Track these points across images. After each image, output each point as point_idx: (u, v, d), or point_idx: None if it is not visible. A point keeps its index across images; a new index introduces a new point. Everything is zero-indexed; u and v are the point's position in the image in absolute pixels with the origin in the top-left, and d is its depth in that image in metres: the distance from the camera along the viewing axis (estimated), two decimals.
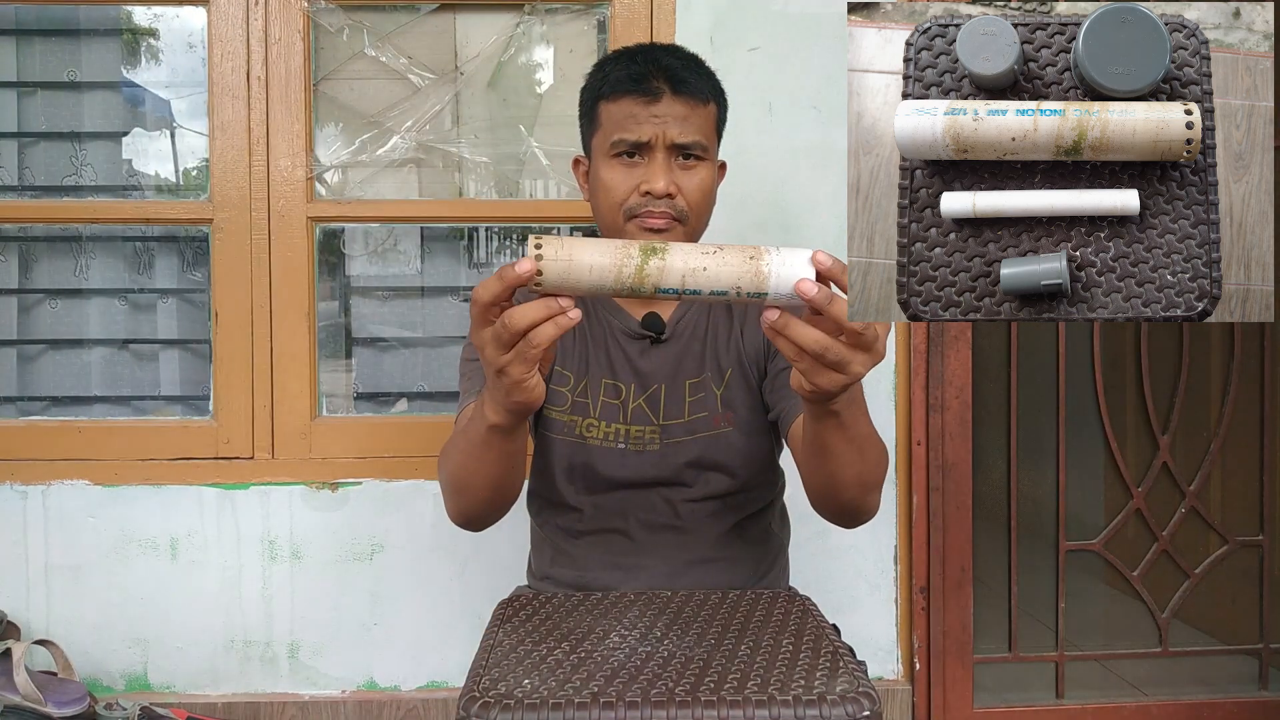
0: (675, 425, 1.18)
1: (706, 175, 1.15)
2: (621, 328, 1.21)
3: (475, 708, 0.72)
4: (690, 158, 1.13)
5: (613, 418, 1.18)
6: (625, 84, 1.12)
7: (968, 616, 1.85)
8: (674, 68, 1.12)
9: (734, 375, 1.19)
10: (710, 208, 1.18)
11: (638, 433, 1.18)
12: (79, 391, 1.91)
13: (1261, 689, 1.96)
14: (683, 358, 1.20)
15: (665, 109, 1.10)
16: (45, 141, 1.90)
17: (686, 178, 1.13)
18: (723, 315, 1.22)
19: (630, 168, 1.12)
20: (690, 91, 1.11)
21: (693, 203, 1.13)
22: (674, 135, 1.11)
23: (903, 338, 1.82)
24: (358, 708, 1.79)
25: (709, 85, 1.15)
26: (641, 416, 1.18)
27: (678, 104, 1.11)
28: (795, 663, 0.79)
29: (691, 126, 1.12)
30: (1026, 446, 2.02)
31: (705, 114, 1.14)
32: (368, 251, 1.95)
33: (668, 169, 1.11)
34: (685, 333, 1.21)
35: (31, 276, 1.92)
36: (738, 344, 1.20)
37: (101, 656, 1.78)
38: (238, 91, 1.77)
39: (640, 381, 1.19)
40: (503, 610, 0.96)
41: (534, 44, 1.90)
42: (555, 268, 0.76)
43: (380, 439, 1.81)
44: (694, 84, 1.12)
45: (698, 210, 1.14)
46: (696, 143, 1.12)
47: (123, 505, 1.77)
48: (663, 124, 1.10)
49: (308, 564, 1.79)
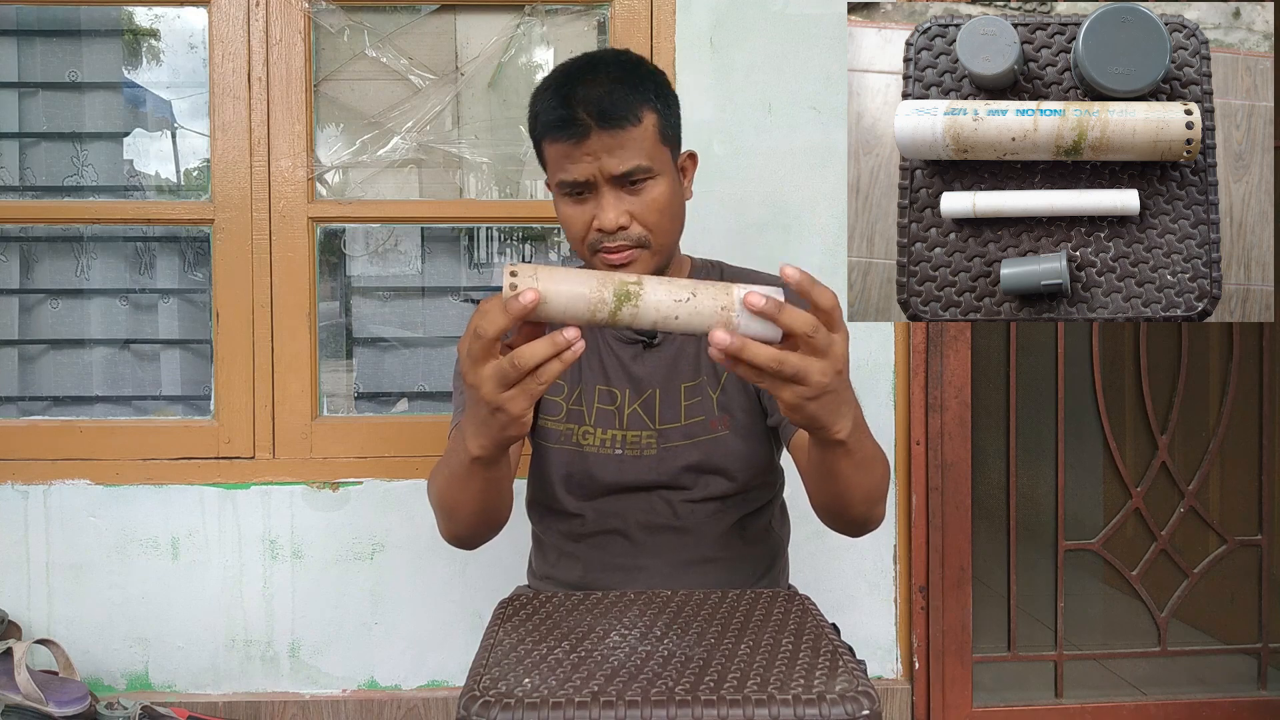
0: (672, 429, 1.18)
1: (661, 191, 1.10)
2: (614, 332, 1.21)
3: (476, 707, 0.72)
4: (638, 180, 1.08)
5: (608, 424, 1.18)
6: (552, 127, 1.07)
7: (967, 616, 1.85)
8: (595, 99, 1.05)
9: (730, 379, 1.18)
10: (675, 217, 1.14)
11: (634, 438, 1.18)
12: (80, 391, 1.92)
13: (1260, 688, 1.96)
14: (677, 361, 1.19)
15: (596, 144, 1.06)
16: (46, 142, 1.91)
17: (638, 201, 1.09)
18: None
19: (581, 204, 1.10)
20: (617, 119, 1.05)
21: (651, 223, 1.09)
22: (611, 168, 1.06)
23: (903, 338, 1.82)
24: (358, 707, 1.79)
25: (640, 100, 1.07)
26: (638, 421, 1.18)
27: (606, 136, 1.06)
28: (795, 662, 0.79)
29: (628, 153, 1.06)
30: (1026, 446, 2.02)
31: (641, 132, 1.07)
32: (368, 252, 1.95)
33: (614, 201, 1.08)
34: (678, 336, 1.20)
35: (33, 277, 1.93)
36: None
37: (103, 656, 1.78)
38: (239, 92, 1.78)
39: (635, 386, 1.19)
40: (503, 609, 0.97)
41: (534, 45, 1.90)
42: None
43: (381, 439, 1.81)
44: (620, 110, 1.05)
45: (659, 228, 1.10)
46: (637, 167, 1.07)
47: (124, 505, 1.77)
48: (596, 160, 1.06)
49: (309, 563, 1.79)
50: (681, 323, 0.77)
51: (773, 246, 1.79)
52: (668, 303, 0.76)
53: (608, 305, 0.76)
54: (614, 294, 0.76)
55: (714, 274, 1.25)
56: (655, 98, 1.10)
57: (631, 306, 0.76)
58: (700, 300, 0.77)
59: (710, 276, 1.24)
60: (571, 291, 0.76)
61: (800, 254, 1.79)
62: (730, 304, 0.76)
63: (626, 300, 0.76)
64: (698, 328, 0.77)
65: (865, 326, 1.78)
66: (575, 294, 0.76)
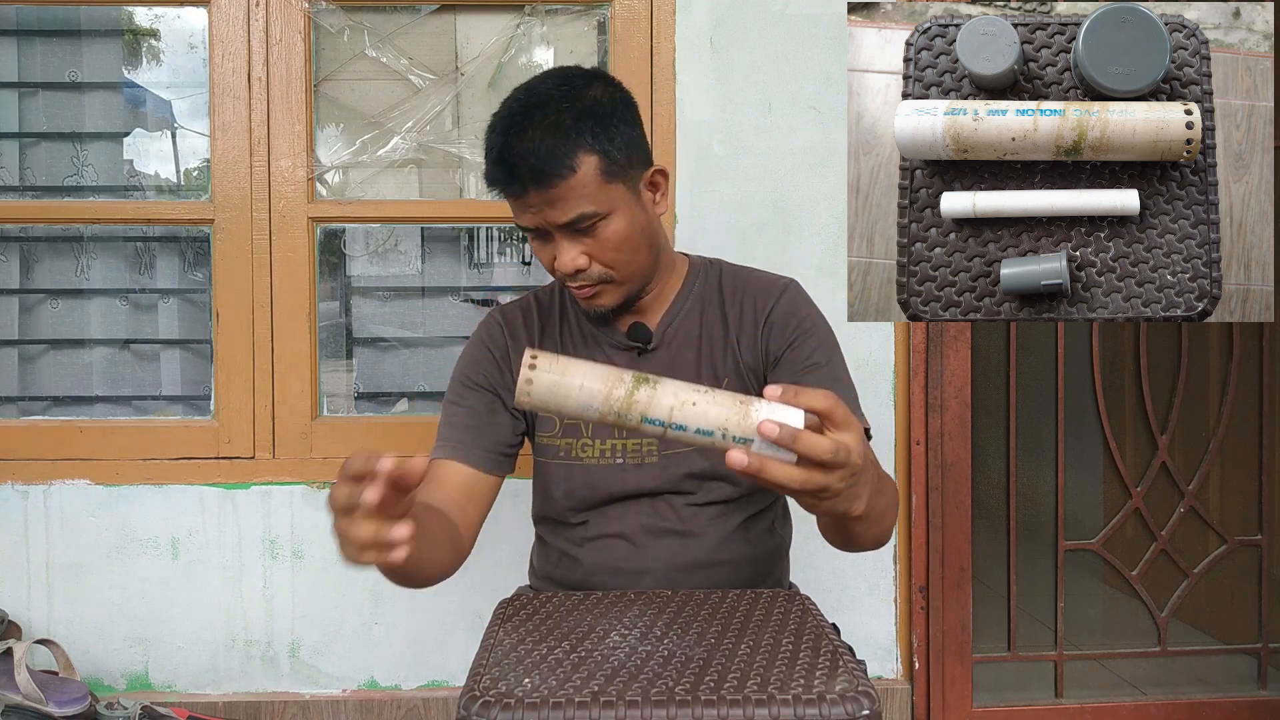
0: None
1: (615, 229, 1.07)
2: (608, 340, 1.20)
3: (476, 707, 0.72)
4: (585, 226, 1.06)
5: (607, 434, 1.17)
6: (492, 184, 1.08)
7: (967, 616, 1.85)
8: (526, 154, 1.03)
9: (731, 385, 1.17)
10: (638, 248, 1.11)
11: (635, 446, 1.17)
12: (80, 391, 1.92)
13: (1260, 688, 1.96)
14: (675, 367, 1.18)
15: (535, 199, 1.05)
16: (46, 142, 1.91)
17: (593, 242, 1.07)
18: (717, 324, 1.19)
19: (544, 244, 1.10)
20: (550, 178, 1.03)
21: (609, 260, 1.08)
22: (554, 219, 1.06)
23: (903, 338, 1.82)
24: (358, 707, 1.79)
25: (572, 149, 1.03)
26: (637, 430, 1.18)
27: (542, 194, 1.05)
28: (795, 662, 0.79)
29: (569, 204, 1.04)
30: (1026, 446, 2.02)
31: (579, 180, 1.04)
32: (368, 252, 1.95)
33: (568, 246, 1.07)
34: (675, 340, 1.19)
35: (33, 277, 1.93)
36: (735, 353, 1.18)
37: (103, 656, 1.78)
38: (239, 92, 1.78)
39: None
40: (503, 609, 0.97)
41: (534, 45, 1.90)
42: (546, 379, 0.76)
43: (381, 439, 1.81)
44: (552, 165, 1.03)
45: (619, 263, 1.09)
46: (580, 216, 1.05)
47: (124, 505, 1.77)
48: (539, 212, 1.06)
49: (309, 563, 1.79)
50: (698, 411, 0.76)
51: (773, 246, 1.79)
52: (686, 389, 0.76)
53: (625, 385, 0.76)
54: (633, 376, 0.77)
55: (713, 273, 1.23)
56: (593, 139, 1.04)
57: (649, 388, 0.76)
58: (719, 393, 0.76)
59: (709, 276, 1.22)
60: (590, 369, 0.76)
61: (800, 254, 1.79)
62: (750, 399, 0.76)
63: (644, 383, 0.76)
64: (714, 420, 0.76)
65: (865, 326, 1.78)
66: (593, 372, 0.76)
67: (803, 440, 0.74)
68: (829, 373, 1.13)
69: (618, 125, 1.07)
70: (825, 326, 1.18)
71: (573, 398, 0.76)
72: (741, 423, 0.75)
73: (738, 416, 0.75)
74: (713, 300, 1.20)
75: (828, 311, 1.22)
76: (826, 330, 1.17)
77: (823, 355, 1.14)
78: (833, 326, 1.20)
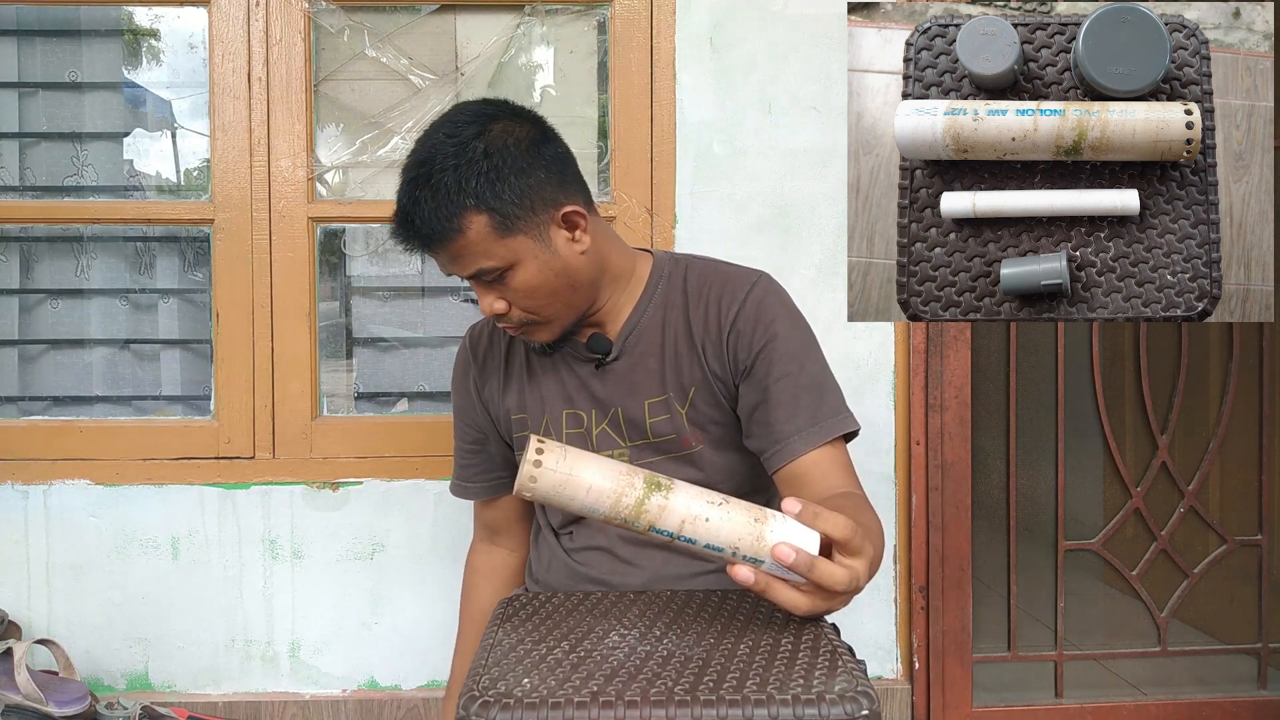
0: (643, 446, 1.15)
1: (522, 278, 1.06)
2: (570, 352, 1.18)
3: (475, 706, 0.72)
4: (491, 279, 1.06)
5: (581, 446, 1.14)
6: (397, 244, 1.08)
7: (967, 616, 1.85)
8: (413, 221, 1.03)
9: (699, 394, 1.13)
10: (556, 290, 1.08)
11: (608, 456, 1.16)
12: (80, 391, 1.92)
13: (1260, 688, 1.96)
14: (638, 376, 1.15)
15: (438, 258, 1.07)
16: (46, 142, 1.91)
17: (507, 289, 1.07)
18: (683, 333, 1.14)
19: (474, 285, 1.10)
20: (440, 240, 1.03)
21: (527, 306, 1.08)
22: (458, 273, 1.06)
23: (902, 338, 1.82)
24: (358, 707, 1.79)
25: (456, 210, 1.01)
26: (608, 441, 1.16)
27: (438, 256, 1.06)
28: (794, 662, 0.79)
29: (465, 260, 1.05)
30: (1025, 446, 2.02)
31: (470, 239, 1.03)
32: (368, 252, 1.95)
33: (484, 293, 1.08)
34: (636, 348, 1.15)
35: (33, 277, 1.93)
36: (702, 363, 1.13)
37: (103, 656, 1.78)
38: (239, 92, 1.78)
39: (599, 406, 1.16)
40: (503, 609, 0.97)
41: (534, 45, 1.90)
42: (552, 478, 0.74)
43: (381, 439, 1.81)
44: (439, 229, 1.02)
45: (537, 308, 1.08)
46: (479, 271, 1.05)
47: (124, 505, 1.77)
48: (445, 267, 1.07)
49: (309, 563, 1.79)
50: (710, 527, 0.75)
51: (773, 246, 1.79)
52: (699, 500, 0.75)
53: (636, 491, 0.75)
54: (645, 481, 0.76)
55: (678, 273, 1.17)
56: (477, 200, 1.01)
57: (660, 497, 0.75)
58: (733, 508, 0.75)
59: (674, 277, 1.17)
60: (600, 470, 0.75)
61: (800, 254, 1.79)
62: (763, 518, 0.75)
63: (656, 489, 0.75)
64: (725, 538, 0.75)
65: (865, 326, 1.78)
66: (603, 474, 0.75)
67: (818, 571, 0.74)
68: (802, 380, 1.08)
69: (507, 178, 1.03)
70: (796, 325, 1.12)
71: (579, 499, 0.75)
72: (755, 544, 0.74)
73: (751, 537, 0.74)
74: (676, 304, 1.15)
75: (828, 311, 1.22)
76: (797, 330, 1.12)
77: (794, 364, 1.09)
78: (833, 326, 1.19)
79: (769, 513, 0.76)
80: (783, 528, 0.75)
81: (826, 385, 1.10)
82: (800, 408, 1.07)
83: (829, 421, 1.07)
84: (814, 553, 0.75)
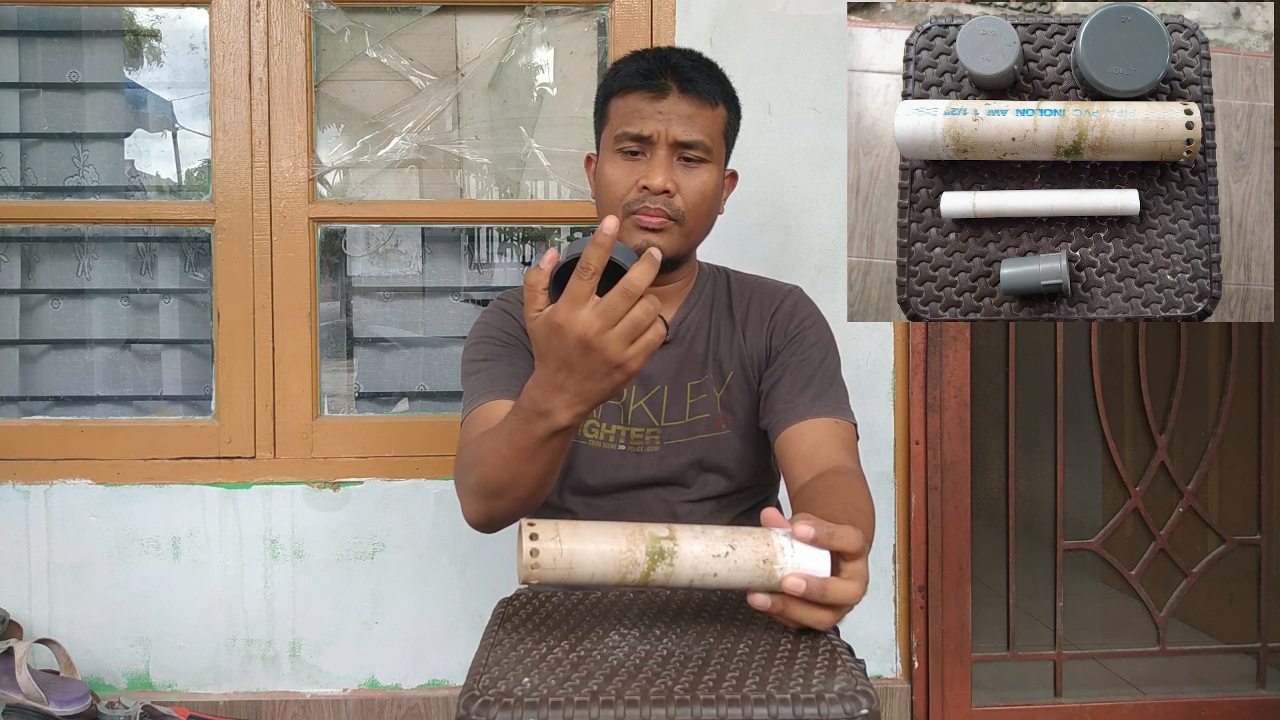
0: (676, 427, 1.18)
1: (709, 178, 1.13)
2: None
3: (475, 706, 0.72)
4: (693, 159, 1.12)
5: (613, 419, 1.18)
6: (634, 79, 1.12)
7: (966, 615, 1.85)
8: (684, 67, 1.12)
9: (735, 378, 1.19)
10: (710, 213, 1.17)
11: (638, 434, 1.18)
12: (81, 391, 1.92)
13: (1259, 688, 1.96)
14: (686, 359, 1.20)
15: (671, 106, 1.11)
16: (47, 142, 1.91)
17: (687, 178, 1.12)
18: (726, 320, 1.22)
19: (632, 163, 1.12)
20: (697, 91, 1.11)
21: (690, 204, 1.12)
22: (677, 133, 1.10)
23: (902, 338, 1.82)
24: (359, 706, 1.79)
25: (719, 89, 1.15)
26: (643, 418, 1.18)
27: (684, 102, 1.11)
28: (794, 661, 0.79)
29: (696, 126, 1.11)
30: (1025, 446, 2.02)
31: (712, 116, 1.13)
32: (369, 252, 1.95)
33: (667, 166, 1.11)
34: (688, 334, 1.21)
35: (34, 277, 1.93)
36: (740, 347, 1.20)
37: (104, 655, 1.78)
38: (239, 93, 1.78)
39: (642, 383, 1.19)
40: (503, 609, 0.97)
41: (534, 45, 1.90)
42: (552, 575, 0.73)
43: (381, 439, 1.81)
44: (702, 84, 1.12)
45: (696, 212, 1.13)
46: (699, 142, 1.11)
47: (125, 505, 1.77)
48: (666, 120, 1.10)
49: (309, 563, 1.79)
50: (720, 580, 0.75)
51: (773, 246, 1.79)
52: (705, 558, 0.74)
53: (640, 567, 0.74)
54: (647, 553, 0.74)
55: (721, 278, 1.26)
56: (730, 100, 1.17)
57: (666, 565, 0.74)
58: (740, 551, 0.75)
59: (717, 284, 1.25)
60: (600, 549, 0.73)
61: (800, 254, 1.79)
62: (771, 555, 0.75)
63: (660, 559, 0.74)
64: (738, 583, 0.75)
65: (865, 326, 1.78)
66: (603, 556, 0.73)
67: (831, 594, 0.75)
68: (819, 368, 1.15)
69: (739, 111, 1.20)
70: (825, 329, 1.21)
71: (583, 583, 0.75)
72: (766, 583, 0.75)
73: (762, 578, 0.75)
74: (721, 300, 1.24)
75: (827, 311, 1.23)
76: (825, 332, 1.21)
77: (816, 353, 1.17)
78: (833, 326, 1.21)
79: (775, 544, 0.75)
80: (791, 559, 0.75)
81: (838, 381, 1.17)
82: (810, 385, 1.14)
83: (835, 404, 1.13)
84: (825, 573, 0.76)
